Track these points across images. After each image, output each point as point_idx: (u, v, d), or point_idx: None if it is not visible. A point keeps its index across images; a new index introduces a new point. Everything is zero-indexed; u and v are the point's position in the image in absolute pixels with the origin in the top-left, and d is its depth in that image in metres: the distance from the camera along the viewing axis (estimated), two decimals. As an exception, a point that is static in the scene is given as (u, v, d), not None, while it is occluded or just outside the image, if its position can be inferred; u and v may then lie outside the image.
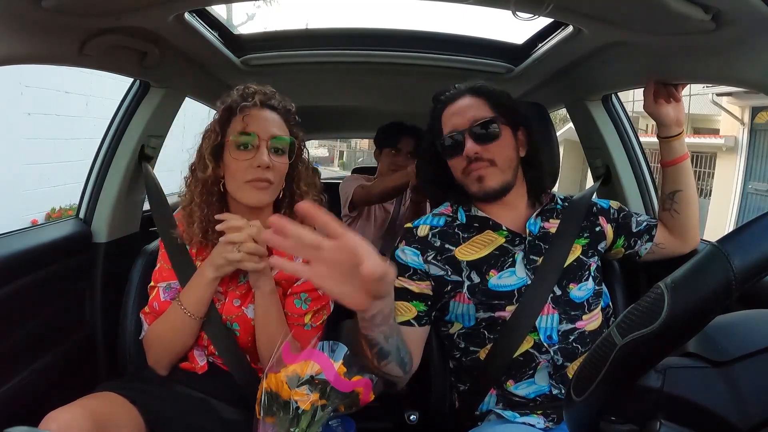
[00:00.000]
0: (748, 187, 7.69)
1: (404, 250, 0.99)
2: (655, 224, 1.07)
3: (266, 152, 0.93)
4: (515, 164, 0.98)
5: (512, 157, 0.97)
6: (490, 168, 0.95)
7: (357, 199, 1.90)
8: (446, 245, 0.97)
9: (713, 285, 0.36)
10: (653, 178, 1.47)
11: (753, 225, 0.38)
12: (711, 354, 0.40)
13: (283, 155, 0.96)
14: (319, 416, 0.77)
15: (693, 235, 1.09)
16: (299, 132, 1.02)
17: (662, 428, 0.39)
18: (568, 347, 0.93)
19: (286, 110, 1.00)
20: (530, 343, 0.92)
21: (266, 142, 0.94)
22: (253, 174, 0.93)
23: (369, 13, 26.91)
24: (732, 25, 0.79)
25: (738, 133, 7.81)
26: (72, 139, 5.08)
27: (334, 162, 20.10)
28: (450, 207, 1.04)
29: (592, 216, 1.04)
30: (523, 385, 0.93)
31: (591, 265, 0.99)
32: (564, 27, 1.13)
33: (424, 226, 1.01)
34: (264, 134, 0.94)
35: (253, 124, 0.94)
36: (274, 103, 0.98)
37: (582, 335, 0.94)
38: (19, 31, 0.83)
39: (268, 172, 0.94)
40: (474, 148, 0.94)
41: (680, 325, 0.37)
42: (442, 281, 0.96)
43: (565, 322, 0.93)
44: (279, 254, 1.00)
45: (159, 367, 0.98)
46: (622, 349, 0.38)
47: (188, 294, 0.95)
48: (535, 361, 0.92)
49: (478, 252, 0.97)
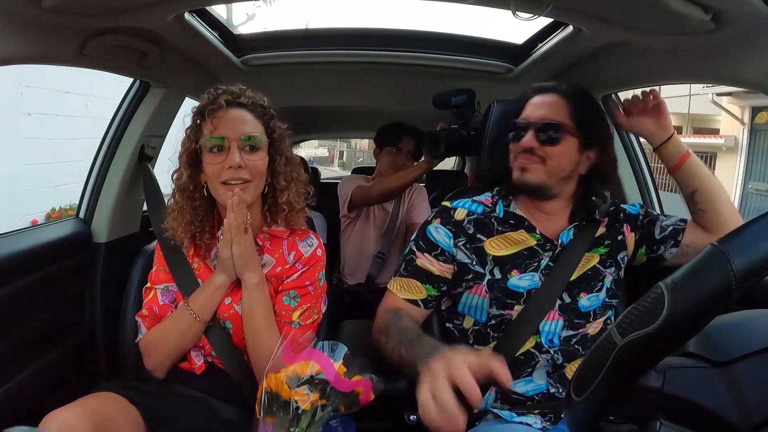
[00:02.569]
0: (748, 187, 7.69)
1: (438, 228, 0.99)
2: (683, 228, 1.01)
3: (237, 152, 0.93)
4: (567, 176, 0.96)
5: (566, 168, 0.95)
6: (537, 164, 0.95)
7: (356, 200, 1.89)
8: (478, 235, 0.98)
9: (713, 285, 0.36)
10: (653, 178, 1.47)
11: (753, 225, 0.38)
12: (711, 354, 0.40)
13: (257, 152, 0.95)
14: (319, 416, 0.77)
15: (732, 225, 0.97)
16: (277, 125, 1.00)
17: (662, 428, 0.39)
18: (570, 349, 0.93)
19: (257, 105, 0.98)
20: (532, 344, 0.93)
21: (236, 142, 0.93)
22: (226, 175, 0.93)
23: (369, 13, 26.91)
24: (732, 25, 0.79)
25: (738, 133, 7.82)
26: (72, 139, 5.08)
27: (334, 162, 20.09)
28: (491, 197, 1.04)
29: (617, 223, 1.02)
30: (521, 383, 0.93)
31: (607, 276, 0.98)
32: (564, 27, 1.13)
33: (462, 209, 1.01)
34: (233, 134, 0.93)
35: (221, 126, 0.94)
36: (243, 100, 0.97)
37: (584, 338, 0.94)
38: (19, 31, 0.83)
39: (241, 172, 0.93)
40: (530, 142, 0.95)
41: (680, 325, 0.37)
42: (466, 269, 0.96)
43: (568, 329, 0.94)
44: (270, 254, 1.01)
45: (158, 370, 0.98)
46: (622, 348, 0.38)
47: (197, 298, 0.96)
48: (534, 360, 0.93)
49: (507, 249, 0.97)
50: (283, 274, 1.00)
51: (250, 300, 0.95)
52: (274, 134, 0.99)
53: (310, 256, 1.02)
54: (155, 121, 1.38)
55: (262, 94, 1.01)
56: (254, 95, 1.00)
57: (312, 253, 1.02)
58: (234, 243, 0.92)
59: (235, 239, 0.92)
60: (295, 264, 1.01)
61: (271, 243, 1.02)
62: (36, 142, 4.78)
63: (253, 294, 0.95)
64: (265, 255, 1.01)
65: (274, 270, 1.00)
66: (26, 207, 4.80)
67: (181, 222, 0.97)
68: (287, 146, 1.01)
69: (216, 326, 0.98)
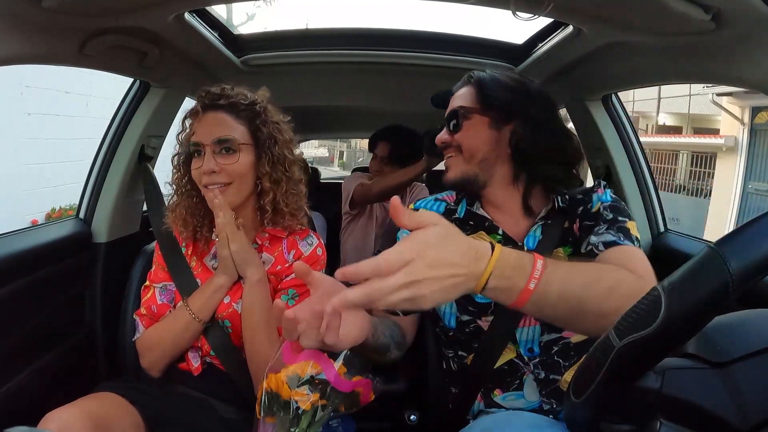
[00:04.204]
0: (748, 187, 7.69)
1: (404, 232, 0.97)
2: (596, 254, 0.80)
3: (212, 157, 0.93)
4: (488, 157, 0.89)
5: (480, 147, 0.89)
6: (455, 157, 0.91)
7: (357, 197, 1.91)
8: None
9: (710, 288, 0.36)
10: (653, 178, 1.47)
11: (750, 227, 0.37)
12: (710, 355, 0.40)
13: (233, 154, 0.94)
14: (319, 416, 0.77)
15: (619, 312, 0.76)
16: (265, 122, 0.98)
17: (662, 428, 0.39)
18: (549, 360, 0.87)
19: (237, 105, 0.96)
20: (513, 353, 0.88)
21: (210, 147, 0.94)
22: (204, 180, 0.94)
23: (369, 13, 26.89)
24: (732, 25, 0.79)
25: (738, 133, 7.82)
26: (72, 139, 5.08)
27: (334, 162, 20.09)
28: (455, 196, 0.99)
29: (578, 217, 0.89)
30: (512, 397, 0.88)
31: None
32: (564, 27, 1.13)
33: (423, 210, 0.97)
34: (206, 139, 0.94)
35: (198, 130, 0.95)
36: (222, 102, 0.96)
37: (566, 347, 0.87)
38: (19, 31, 0.83)
39: (216, 177, 0.93)
40: (443, 136, 0.92)
41: (677, 327, 0.37)
42: None
43: (548, 333, 0.86)
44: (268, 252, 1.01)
45: (154, 369, 0.98)
46: (620, 351, 0.38)
47: (196, 299, 0.96)
48: (520, 371, 0.88)
49: None
50: (282, 272, 1.00)
51: (251, 296, 0.95)
52: (259, 132, 0.97)
53: (309, 254, 1.02)
54: (155, 121, 1.38)
55: (250, 92, 1.00)
56: (236, 93, 0.98)
57: (312, 252, 1.03)
58: (230, 241, 0.93)
59: (230, 237, 0.92)
60: (295, 263, 1.01)
61: (270, 242, 1.02)
62: (36, 142, 4.78)
63: (254, 290, 0.95)
64: (263, 253, 1.01)
65: (274, 268, 1.00)
66: (26, 207, 4.79)
67: (180, 215, 0.98)
68: (281, 144, 0.98)
69: (215, 326, 0.98)
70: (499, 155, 0.89)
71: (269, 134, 0.97)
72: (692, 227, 7.07)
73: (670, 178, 10.04)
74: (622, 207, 0.87)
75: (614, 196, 0.90)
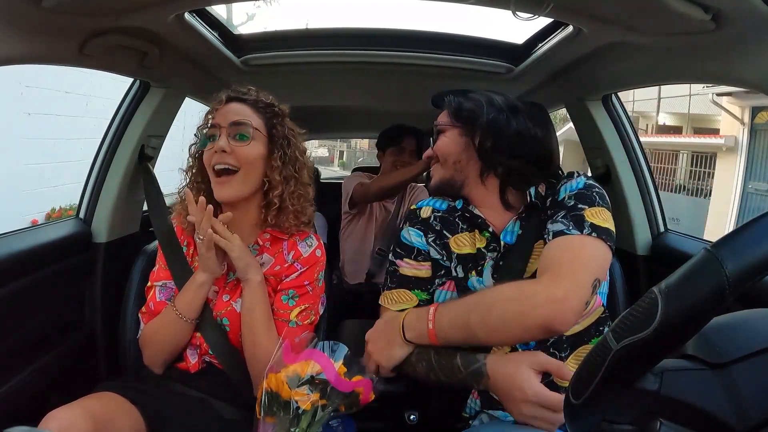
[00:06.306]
0: (748, 187, 7.69)
1: (409, 231, 1.00)
2: (545, 240, 0.87)
3: (226, 138, 0.95)
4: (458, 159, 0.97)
5: (452, 152, 0.98)
6: (435, 165, 1.02)
7: (356, 196, 1.91)
8: (444, 231, 0.98)
9: (706, 290, 0.36)
10: (653, 178, 1.47)
11: (746, 229, 0.37)
12: (708, 356, 0.40)
13: (246, 140, 0.96)
14: (319, 416, 0.77)
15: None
16: (281, 123, 1.01)
17: (662, 428, 0.39)
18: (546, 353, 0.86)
19: (259, 101, 1.00)
20: (507, 349, 0.89)
21: (226, 129, 0.96)
22: (214, 159, 0.95)
23: (369, 13, 26.88)
24: (732, 25, 0.79)
25: (738, 133, 7.81)
26: (72, 139, 5.08)
27: (334, 162, 20.09)
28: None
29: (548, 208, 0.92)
30: None
31: None
32: (564, 27, 1.13)
33: (427, 207, 1.02)
34: (224, 122, 0.96)
35: (217, 117, 0.98)
36: (246, 97, 1.00)
37: (560, 339, 0.89)
38: (19, 31, 0.83)
39: (227, 157, 0.95)
40: (427, 152, 1.03)
41: (674, 330, 0.37)
42: (438, 264, 0.97)
43: None
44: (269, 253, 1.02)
45: (154, 366, 1.00)
46: (618, 353, 0.38)
47: (181, 297, 0.97)
48: None
49: (466, 248, 0.96)
50: (282, 273, 1.01)
51: (252, 298, 0.95)
52: (275, 130, 1.00)
53: (309, 256, 1.02)
54: (155, 121, 1.38)
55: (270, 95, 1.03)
56: (260, 94, 1.02)
57: (311, 253, 1.03)
58: (227, 250, 0.94)
59: (228, 248, 0.93)
60: (294, 263, 1.01)
61: (271, 243, 1.03)
62: (36, 142, 4.78)
63: (255, 292, 0.95)
64: (264, 254, 1.01)
65: (273, 269, 1.01)
66: (26, 207, 4.79)
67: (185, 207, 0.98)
68: (293, 146, 1.02)
69: (212, 324, 0.98)
70: (470, 157, 0.97)
71: (284, 135, 1.01)
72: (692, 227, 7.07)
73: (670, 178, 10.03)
74: (591, 194, 0.88)
75: (589, 183, 0.91)
